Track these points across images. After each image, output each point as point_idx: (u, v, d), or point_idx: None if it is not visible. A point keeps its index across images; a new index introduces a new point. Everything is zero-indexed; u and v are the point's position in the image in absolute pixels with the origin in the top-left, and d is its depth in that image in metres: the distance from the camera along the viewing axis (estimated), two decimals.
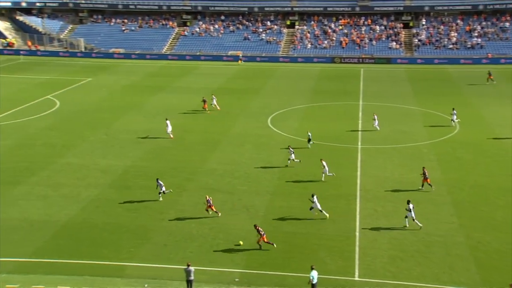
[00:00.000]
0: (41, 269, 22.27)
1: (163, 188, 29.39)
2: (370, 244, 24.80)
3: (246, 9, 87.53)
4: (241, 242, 24.42)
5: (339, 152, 37.09)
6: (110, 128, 42.61)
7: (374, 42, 79.06)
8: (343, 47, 78.89)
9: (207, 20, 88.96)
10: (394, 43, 78.28)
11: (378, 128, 41.42)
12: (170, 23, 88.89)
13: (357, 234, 25.65)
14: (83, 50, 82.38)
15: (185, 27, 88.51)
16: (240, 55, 76.81)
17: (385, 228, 26.20)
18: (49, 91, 54.55)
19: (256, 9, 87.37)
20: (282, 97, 53.87)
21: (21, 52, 78.33)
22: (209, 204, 27.15)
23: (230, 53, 79.25)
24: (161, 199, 29.28)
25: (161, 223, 26.67)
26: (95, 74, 66.57)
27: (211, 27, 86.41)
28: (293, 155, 34.24)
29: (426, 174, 30.40)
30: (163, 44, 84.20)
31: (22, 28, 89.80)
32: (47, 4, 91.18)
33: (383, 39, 79.73)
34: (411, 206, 25.82)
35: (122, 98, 53.44)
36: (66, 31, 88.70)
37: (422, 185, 30.55)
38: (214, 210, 27.28)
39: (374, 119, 41.77)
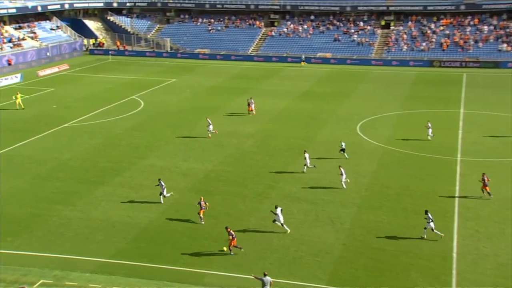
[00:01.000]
0: (122, 271, 23.30)
1: (165, 191, 29.88)
2: (471, 268, 23.29)
3: (337, 8, 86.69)
4: (224, 248, 24.41)
5: (436, 164, 35.38)
6: (193, 130, 43.89)
7: (480, 44, 74.79)
8: (443, 50, 75.49)
9: (296, 20, 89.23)
10: (505, 45, 73.45)
11: (430, 137, 39.61)
12: (257, 23, 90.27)
13: (455, 255, 24.22)
14: (169, 50, 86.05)
15: (272, 27, 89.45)
16: (303, 56, 76.52)
17: (488, 251, 24.49)
18: (134, 91, 57.50)
19: (348, 9, 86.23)
20: (373, 102, 52.54)
21: (110, 52, 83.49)
22: (200, 208, 27.36)
23: (319, 55, 78.86)
24: (162, 201, 29.72)
25: (242, 231, 26.93)
26: (180, 74, 69.15)
27: (300, 28, 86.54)
28: (308, 161, 33.91)
29: (486, 181, 29.37)
30: (249, 44, 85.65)
31: (112, 28, 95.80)
32: (137, 4, 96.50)
33: (491, 40, 75.17)
34: (429, 215, 25.53)
35: (205, 100, 54.94)
36: (153, 31, 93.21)
37: (488, 193, 29.52)
38: (201, 215, 27.40)
39: (428, 127, 39.95)
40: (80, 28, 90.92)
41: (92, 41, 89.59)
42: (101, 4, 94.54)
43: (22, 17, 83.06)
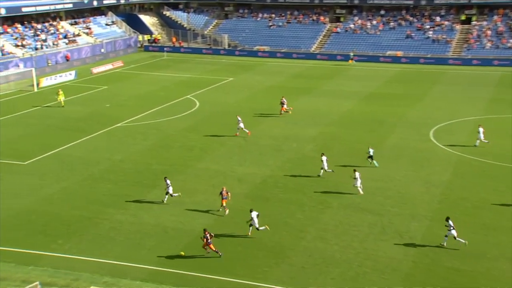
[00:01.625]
0: (173, 280, 23.69)
1: (170, 190, 30.59)
2: None
3: (411, 2, 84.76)
4: (182, 253, 25.14)
5: None
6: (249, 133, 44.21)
7: None
8: None
9: (364, 15, 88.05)
10: None
11: (478, 142, 38.79)
12: (322, 18, 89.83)
13: None
14: (226, 47, 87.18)
15: (338, 23, 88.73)
16: (352, 54, 75.35)
17: None
18: (189, 90, 58.61)
19: (423, 2, 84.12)
20: (450, 106, 50.94)
21: (165, 48, 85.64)
22: (222, 198, 28.76)
23: (388, 53, 77.49)
24: (165, 201, 30.63)
25: (300, 242, 26.79)
26: (237, 73, 69.87)
27: (368, 23, 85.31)
28: (325, 164, 34.26)
29: None
30: (312, 42, 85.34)
31: (167, 24, 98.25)
32: None
33: None
34: (450, 222, 25.67)
35: (263, 100, 55.17)
36: (211, 27, 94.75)
37: None
38: (224, 205, 29.16)
39: (479, 132, 38.51)
40: (135, 23, 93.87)
41: (147, 37, 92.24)
42: None
43: (78, 13, 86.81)
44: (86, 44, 79.31)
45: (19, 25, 75.16)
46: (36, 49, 71.67)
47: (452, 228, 25.57)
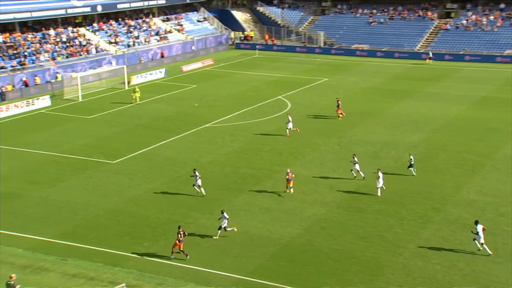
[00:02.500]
0: None
1: (199, 181, 32.80)
2: None
3: None
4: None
5: None
6: (343, 137, 43.83)
7: None
8: None
9: (480, 10, 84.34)
10: None
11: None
12: (429, 13, 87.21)
13: None
14: (322, 45, 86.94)
15: (448, 19, 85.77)
16: (430, 53, 73.05)
17: None
18: (281, 91, 59.02)
19: None
20: None
21: (257, 46, 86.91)
22: (287, 180, 31.57)
23: (506, 52, 73.72)
24: (200, 190, 32.90)
25: (397, 258, 26.15)
26: (333, 73, 69.45)
27: (484, 19, 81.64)
28: (357, 166, 35.08)
29: None
30: (417, 40, 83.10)
31: (261, 20, 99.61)
32: None
33: None
34: (479, 227, 26.07)
35: (360, 103, 54.49)
36: (306, 23, 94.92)
37: None
38: (290, 186, 32.44)
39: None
40: (228, 19, 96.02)
41: (239, 34, 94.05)
42: None
43: (170, 9, 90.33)
44: (177, 41, 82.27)
45: (113, 22, 79.47)
46: (128, 46, 75.40)
47: (476, 233, 26.20)
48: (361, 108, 52.34)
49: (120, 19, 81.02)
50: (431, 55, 74.86)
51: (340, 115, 48.94)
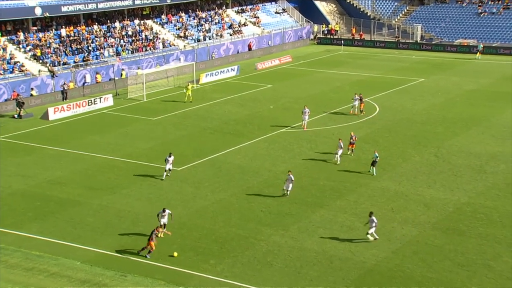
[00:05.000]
0: None
1: (169, 166, 37.17)
2: None
3: None
4: (175, 254, 28.07)
5: None
6: (442, 147, 42.73)
7: None
8: None
9: None
10: None
11: None
12: None
13: None
14: (418, 40, 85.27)
15: None
16: (481, 45, 71.98)
17: None
18: (368, 92, 58.18)
19: None
20: None
21: (343, 41, 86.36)
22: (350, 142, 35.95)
23: None
24: (163, 178, 36.36)
25: None
26: (430, 73, 67.89)
27: None
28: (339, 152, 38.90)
29: None
30: None
31: (347, 12, 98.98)
32: None
33: None
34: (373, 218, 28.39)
35: (463, 108, 53.01)
36: (400, 15, 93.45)
37: None
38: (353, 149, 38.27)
39: None
40: (310, 11, 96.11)
41: (322, 27, 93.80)
42: None
43: None
44: (252, 36, 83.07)
45: (183, 14, 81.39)
46: (199, 40, 76.96)
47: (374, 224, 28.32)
48: (463, 114, 50.86)
49: (190, 11, 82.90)
50: (481, 48, 72.48)
51: (362, 112, 50.69)
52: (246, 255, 28.57)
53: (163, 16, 78.57)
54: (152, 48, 71.01)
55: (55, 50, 63.58)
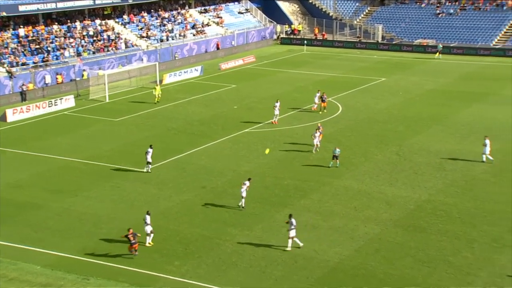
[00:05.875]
0: None
1: (148, 158, 38.22)
2: None
3: None
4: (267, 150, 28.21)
5: None
6: (403, 146, 43.27)
7: None
8: None
9: None
10: None
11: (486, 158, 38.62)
12: (510, 2, 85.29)
13: None
14: (379, 40, 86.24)
15: None
16: (440, 45, 74.53)
17: None
18: (331, 92, 58.60)
19: None
20: None
21: (305, 41, 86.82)
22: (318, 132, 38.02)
23: None
24: (145, 170, 38.15)
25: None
26: (391, 72, 68.74)
27: None
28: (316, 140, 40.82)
29: None
30: (494, 34, 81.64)
31: (310, 12, 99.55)
32: None
33: None
34: (293, 220, 28.59)
35: (423, 107, 53.77)
36: (362, 16, 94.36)
37: None
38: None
39: (485, 145, 38.84)
40: (273, 11, 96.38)
41: (285, 27, 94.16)
42: None
43: None
44: (215, 36, 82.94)
45: (145, 14, 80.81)
46: (161, 40, 76.52)
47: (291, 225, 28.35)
48: (423, 113, 51.61)
49: (152, 11, 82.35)
50: (440, 48, 74.14)
51: (322, 110, 51.59)
52: (211, 256, 28.55)
53: (125, 16, 77.92)
54: (114, 49, 70.33)
55: (13, 50, 62.48)
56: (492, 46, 79.06)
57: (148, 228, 29.58)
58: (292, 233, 28.74)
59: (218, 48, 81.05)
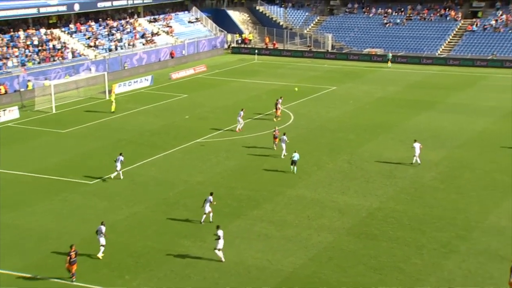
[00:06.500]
0: None
1: (118, 167, 38.41)
2: None
3: None
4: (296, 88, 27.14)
5: None
6: (354, 154, 43.85)
7: None
8: None
9: (511, 9, 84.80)
10: None
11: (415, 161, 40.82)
12: (453, 13, 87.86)
13: None
14: (329, 49, 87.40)
15: (474, 19, 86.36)
16: (390, 54, 77.18)
17: None
18: (283, 101, 59.09)
19: None
20: None
21: (257, 50, 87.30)
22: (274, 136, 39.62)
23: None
24: (113, 175, 38.69)
25: None
26: (342, 81, 69.69)
27: None
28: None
29: None
30: (439, 43, 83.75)
31: (260, 21, 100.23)
32: None
33: None
34: (219, 232, 28.60)
35: (373, 115, 54.62)
36: (312, 25, 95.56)
37: None
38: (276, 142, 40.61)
39: (414, 147, 40.99)
40: (223, 20, 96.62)
41: (236, 36, 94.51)
42: None
43: (158, 8, 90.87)
44: (165, 45, 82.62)
45: (93, 23, 79.89)
46: (110, 50, 75.74)
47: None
48: (374, 121, 52.42)
49: (100, 20, 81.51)
50: (390, 57, 76.02)
51: (277, 118, 52.45)
52: (163, 269, 28.33)
53: (71, 25, 76.86)
54: (60, 58, 69.26)
55: None
56: (437, 55, 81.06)
57: (102, 240, 29.15)
58: (219, 244, 28.58)
59: (172, 57, 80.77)
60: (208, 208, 32.85)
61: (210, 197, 32.96)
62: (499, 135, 47.59)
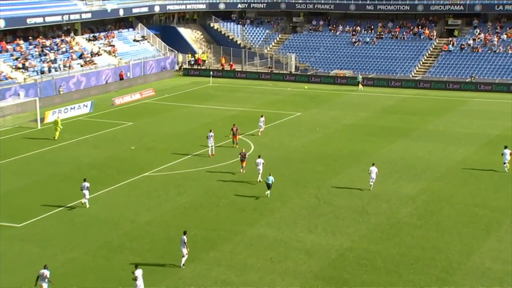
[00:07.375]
0: None
1: (87, 195, 40.30)
2: None
3: None
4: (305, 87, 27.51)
5: None
6: (322, 188, 44.06)
7: None
8: None
9: (489, 27, 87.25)
10: None
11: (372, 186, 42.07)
12: (427, 31, 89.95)
13: None
14: (293, 71, 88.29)
15: (450, 38, 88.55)
16: (360, 76, 78.68)
17: None
18: (241, 129, 59.24)
19: None
20: None
21: (211, 72, 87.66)
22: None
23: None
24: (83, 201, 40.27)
25: None
26: (307, 106, 70.29)
27: (495, 39, 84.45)
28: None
29: None
30: (412, 64, 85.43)
31: (215, 39, 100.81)
32: (252, 5, 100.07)
33: None
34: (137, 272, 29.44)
35: (343, 143, 55.13)
36: (273, 44, 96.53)
37: None
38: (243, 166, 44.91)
39: (370, 171, 43.00)
40: (173, 38, 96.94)
41: (188, 57, 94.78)
42: (203, 6, 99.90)
43: (99, 25, 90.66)
44: (107, 67, 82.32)
45: (21, 42, 79.15)
46: (42, 72, 75.08)
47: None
48: (343, 150, 52.88)
49: (30, 38, 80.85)
50: (360, 79, 77.46)
51: (235, 143, 54.39)
52: None
53: None
54: None
55: None
56: (411, 77, 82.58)
57: (45, 286, 28.50)
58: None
59: (121, 79, 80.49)
60: (185, 250, 32.56)
61: (184, 237, 32.71)
62: (480, 165, 48.41)
